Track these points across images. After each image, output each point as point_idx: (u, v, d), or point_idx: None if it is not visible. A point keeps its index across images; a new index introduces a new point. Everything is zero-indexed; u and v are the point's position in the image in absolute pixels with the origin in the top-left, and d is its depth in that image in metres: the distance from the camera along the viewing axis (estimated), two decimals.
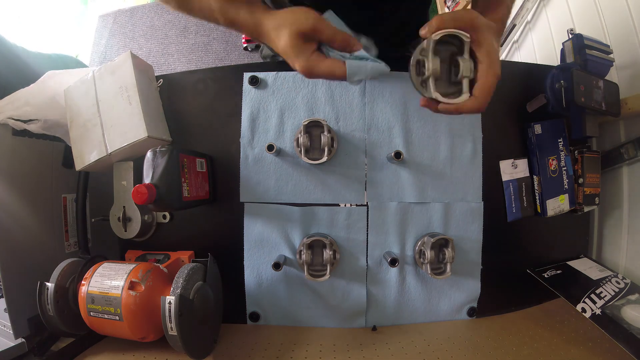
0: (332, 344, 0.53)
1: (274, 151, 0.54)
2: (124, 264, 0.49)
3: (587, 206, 0.64)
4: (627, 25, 0.64)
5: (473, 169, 0.60)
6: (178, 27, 1.95)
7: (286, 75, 0.60)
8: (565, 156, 0.63)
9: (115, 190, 0.58)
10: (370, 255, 0.58)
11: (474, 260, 0.59)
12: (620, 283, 0.59)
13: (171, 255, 0.58)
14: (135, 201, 0.43)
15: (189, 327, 0.43)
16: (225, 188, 0.60)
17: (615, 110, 0.59)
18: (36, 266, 0.54)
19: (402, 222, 0.58)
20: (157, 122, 0.58)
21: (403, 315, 0.59)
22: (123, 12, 2.08)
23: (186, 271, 0.46)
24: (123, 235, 0.58)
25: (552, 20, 0.90)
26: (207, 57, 1.88)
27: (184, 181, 0.50)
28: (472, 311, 0.60)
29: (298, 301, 0.59)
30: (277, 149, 0.54)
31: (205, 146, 0.61)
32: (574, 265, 0.63)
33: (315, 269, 0.55)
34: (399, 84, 0.59)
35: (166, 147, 0.49)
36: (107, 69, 0.57)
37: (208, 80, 0.61)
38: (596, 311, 0.53)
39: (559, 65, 0.60)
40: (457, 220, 0.59)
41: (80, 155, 0.57)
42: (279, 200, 0.59)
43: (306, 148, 0.54)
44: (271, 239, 0.59)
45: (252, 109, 0.60)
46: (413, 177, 0.59)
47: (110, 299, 0.45)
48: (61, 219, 0.62)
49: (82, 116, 0.57)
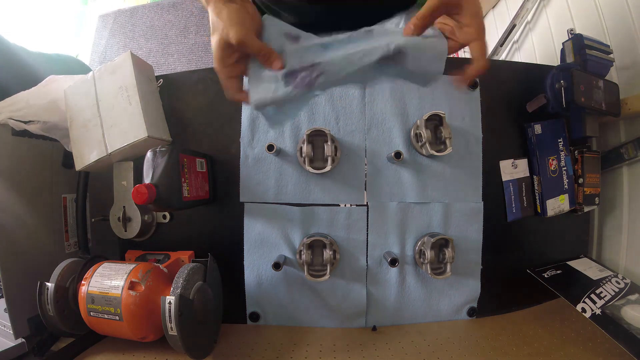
0: (332, 344, 0.53)
1: (274, 151, 0.54)
2: (124, 264, 0.49)
3: (587, 206, 0.64)
4: (627, 25, 0.64)
5: (473, 169, 0.60)
6: (178, 27, 1.94)
7: None
8: (565, 156, 0.63)
9: (115, 190, 0.58)
10: (370, 255, 0.58)
11: (474, 260, 0.59)
12: (620, 283, 0.59)
13: (171, 255, 0.58)
14: (135, 201, 0.43)
15: (189, 327, 0.43)
16: (225, 188, 0.60)
17: (615, 110, 0.59)
18: (36, 266, 0.54)
19: (402, 222, 0.58)
20: (157, 122, 0.58)
21: (403, 316, 0.59)
22: (123, 12, 2.08)
23: (186, 271, 0.46)
24: (123, 235, 0.58)
25: (552, 20, 0.90)
26: (207, 57, 1.88)
27: (184, 181, 0.50)
28: (472, 311, 0.60)
29: (298, 301, 0.59)
30: (277, 148, 0.54)
31: (205, 146, 0.61)
32: (574, 265, 0.63)
33: (315, 269, 0.55)
34: (399, 84, 0.59)
35: (166, 147, 0.49)
36: (107, 69, 0.57)
37: (208, 80, 0.61)
38: (596, 311, 0.53)
39: (559, 65, 0.60)
40: (457, 220, 0.59)
41: (80, 155, 0.57)
42: (279, 200, 0.59)
43: (310, 158, 0.54)
44: (271, 239, 0.59)
45: (252, 109, 0.59)
46: (413, 177, 0.59)
47: (110, 299, 0.45)
48: (61, 219, 0.62)
49: (82, 116, 0.57)
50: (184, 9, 1.95)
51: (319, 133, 0.55)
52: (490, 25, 1.32)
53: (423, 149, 0.56)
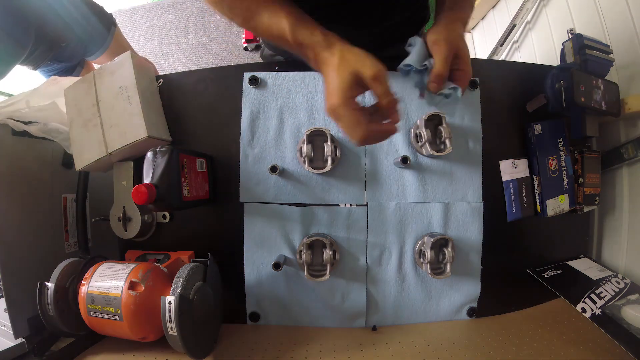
0: (332, 344, 0.53)
1: (277, 172, 0.54)
2: (124, 264, 0.49)
3: (587, 206, 0.64)
4: (627, 25, 0.64)
5: (473, 169, 0.60)
6: (178, 27, 1.94)
7: (286, 76, 0.60)
8: (565, 156, 0.63)
9: (115, 190, 0.58)
10: (370, 255, 0.58)
11: (474, 260, 0.59)
12: (620, 283, 0.59)
13: (171, 255, 0.58)
14: (135, 201, 0.43)
15: (189, 327, 0.43)
16: (225, 188, 0.60)
17: (615, 110, 0.59)
18: (36, 266, 0.54)
19: (402, 222, 0.58)
20: (157, 121, 0.58)
21: (403, 316, 0.59)
22: (123, 12, 2.07)
23: (186, 271, 0.46)
24: (123, 235, 0.58)
25: (552, 20, 0.90)
26: (207, 57, 1.88)
27: (184, 181, 0.50)
28: (472, 311, 0.60)
29: (298, 301, 0.59)
30: (280, 169, 0.55)
31: (205, 146, 0.61)
32: (574, 265, 0.63)
33: (315, 269, 0.55)
34: (400, 84, 0.59)
35: (166, 147, 0.49)
36: (107, 69, 0.57)
37: (208, 80, 0.61)
38: (596, 311, 0.53)
39: (559, 65, 0.60)
40: (457, 220, 0.59)
41: (80, 155, 0.57)
42: (279, 200, 0.59)
43: (310, 158, 0.54)
44: (271, 239, 0.59)
45: (252, 109, 0.60)
46: (413, 177, 0.59)
47: (110, 299, 0.45)
48: (61, 219, 0.62)
49: (82, 116, 0.57)
50: (184, 9, 1.95)
51: (319, 133, 0.55)
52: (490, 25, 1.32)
53: (423, 149, 0.56)
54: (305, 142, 0.54)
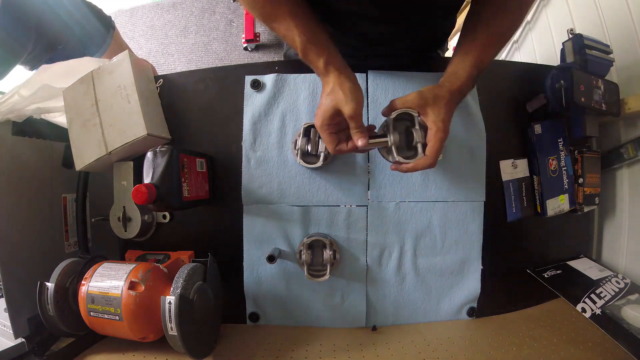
0: (332, 344, 0.53)
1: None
2: (124, 264, 0.49)
3: (587, 206, 0.64)
4: (627, 25, 0.64)
5: (474, 169, 0.60)
6: (178, 27, 1.94)
7: (287, 78, 0.60)
8: (565, 156, 0.63)
9: (115, 190, 0.58)
10: (370, 255, 0.58)
11: (474, 260, 0.59)
12: (620, 283, 0.59)
13: (171, 255, 0.58)
14: (135, 201, 0.43)
15: (189, 327, 0.43)
16: (225, 188, 0.60)
17: (615, 110, 0.59)
18: (36, 266, 0.54)
19: (401, 222, 0.58)
20: (156, 119, 0.58)
21: (403, 315, 0.59)
22: (123, 12, 2.07)
23: (186, 271, 0.46)
24: (123, 235, 0.58)
25: (552, 20, 0.90)
26: (207, 57, 1.88)
27: (184, 181, 0.50)
28: (472, 311, 0.60)
29: (298, 301, 0.59)
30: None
31: (205, 146, 0.61)
32: (574, 265, 0.63)
33: (315, 269, 0.55)
34: (401, 84, 0.59)
35: (166, 147, 0.49)
36: (106, 69, 0.57)
37: (208, 80, 0.61)
38: (596, 311, 0.53)
39: (559, 65, 0.60)
40: (457, 220, 0.59)
41: (80, 155, 0.57)
42: (280, 202, 0.59)
43: (303, 152, 0.54)
44: (271, 239, 0.58)
45: (254, 112, 0.59)
46: (413, 177, 0.58)
47: (110, 299, 0.44)
48: (61, 219, 0.62)
49: (82, 116, 0.57)
50: (184, 9, 1.95)
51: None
52: None
53: (390, 157, 0.47)
54: (301, 135, 0.54)
